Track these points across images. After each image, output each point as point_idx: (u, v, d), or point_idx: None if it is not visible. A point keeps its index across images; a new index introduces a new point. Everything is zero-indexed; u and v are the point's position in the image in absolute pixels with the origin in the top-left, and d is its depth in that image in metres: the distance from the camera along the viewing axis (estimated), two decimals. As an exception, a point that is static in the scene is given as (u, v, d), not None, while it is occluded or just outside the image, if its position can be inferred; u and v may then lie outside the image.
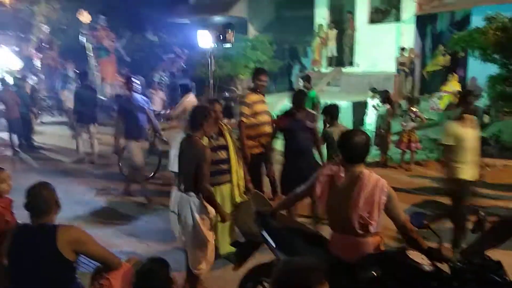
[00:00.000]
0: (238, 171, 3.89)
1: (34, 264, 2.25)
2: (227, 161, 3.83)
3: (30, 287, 2.28)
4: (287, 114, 4.77)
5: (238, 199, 3.86)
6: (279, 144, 4.99)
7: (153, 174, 6.84)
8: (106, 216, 5.52)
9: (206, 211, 3.28)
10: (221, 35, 8.49)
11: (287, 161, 4.68)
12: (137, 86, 6.43)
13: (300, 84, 8.18)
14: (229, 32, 8.89)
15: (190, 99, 6.31)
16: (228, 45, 9.24)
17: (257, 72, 5.22)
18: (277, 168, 5.03)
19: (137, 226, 5.15)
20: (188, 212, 3.25)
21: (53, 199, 2.36)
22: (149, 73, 15.97)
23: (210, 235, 3.30)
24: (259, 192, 4.22)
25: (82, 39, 13.64)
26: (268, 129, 5.04)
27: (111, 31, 14.72)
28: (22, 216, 2.47)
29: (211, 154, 3.37)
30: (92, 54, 13.84)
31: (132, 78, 6.34)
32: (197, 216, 3.22)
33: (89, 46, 13.77)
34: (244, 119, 4.93)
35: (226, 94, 12.55)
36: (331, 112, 5.13)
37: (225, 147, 3.84)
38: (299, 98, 4.78)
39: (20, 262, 2.28)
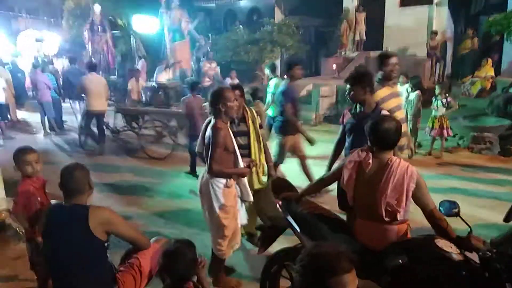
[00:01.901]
0: (256, 158, 3.85)
1: (67, 243, 2.33)
2: (247, 146, 3.80)
3: (64, 265, 2.36)
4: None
5: (257, 186, 3.83)
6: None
7: None
8: (137, 197, 5.65)
9: (228, 197, 3.26)
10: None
11: None
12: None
13: (266, 72, 8.10)
14: None
15: (89, 77, 7.54)
16: None
17: (385, 56, 3.83)
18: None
19: (168, 208, 5.25)
20: (208, 194, 3.27)
21: (86, 180, 2.43)
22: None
23: (228, 220, 3.26)
24: (281, 177, 4.20)
25: (160, 19, 12.30)
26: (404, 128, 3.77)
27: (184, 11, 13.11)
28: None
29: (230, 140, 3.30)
30: (168, 36, 12.64)
31: (297, 65, 5.14)
32: (214, 199, 3.23)
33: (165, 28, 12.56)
34: None
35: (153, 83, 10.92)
36: (254, 93, 6.43)
37: (246, 133, 3.82)
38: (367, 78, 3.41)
39: (53, 241, 2.37)
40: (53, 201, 2.71)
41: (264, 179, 3.99)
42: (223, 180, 3.24)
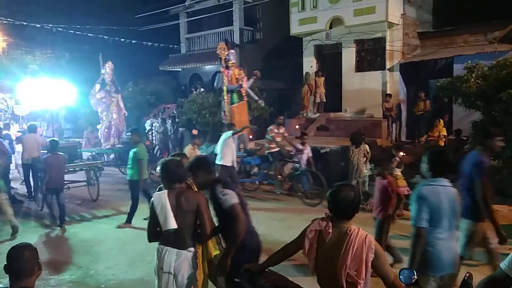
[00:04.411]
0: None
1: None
2: None
3: None
4: None
5: (214, 252, 3.82)
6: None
7: None
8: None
9: (197, 266, 3.31)
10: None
11: None
12: None
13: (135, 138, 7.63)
14: None
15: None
16: None
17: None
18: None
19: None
20: (185, 272, 3.21)
21: (34, 261, 2.30)
22: (141, 119, 16.12)
23: None
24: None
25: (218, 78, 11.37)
26: None
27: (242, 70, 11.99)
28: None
29: None
30: (225, 98, 11.47)
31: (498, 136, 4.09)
32: (193, 276, 3.26)
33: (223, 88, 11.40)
34: None
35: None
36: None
37: None
38: None
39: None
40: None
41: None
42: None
